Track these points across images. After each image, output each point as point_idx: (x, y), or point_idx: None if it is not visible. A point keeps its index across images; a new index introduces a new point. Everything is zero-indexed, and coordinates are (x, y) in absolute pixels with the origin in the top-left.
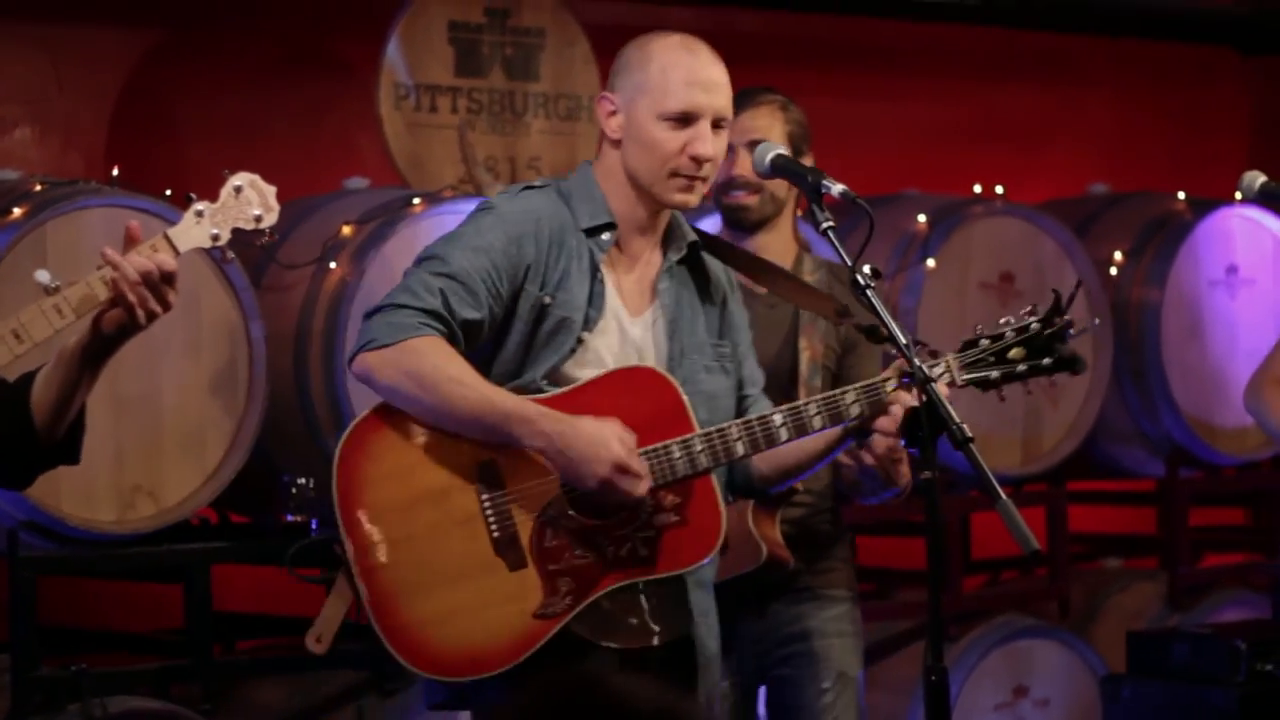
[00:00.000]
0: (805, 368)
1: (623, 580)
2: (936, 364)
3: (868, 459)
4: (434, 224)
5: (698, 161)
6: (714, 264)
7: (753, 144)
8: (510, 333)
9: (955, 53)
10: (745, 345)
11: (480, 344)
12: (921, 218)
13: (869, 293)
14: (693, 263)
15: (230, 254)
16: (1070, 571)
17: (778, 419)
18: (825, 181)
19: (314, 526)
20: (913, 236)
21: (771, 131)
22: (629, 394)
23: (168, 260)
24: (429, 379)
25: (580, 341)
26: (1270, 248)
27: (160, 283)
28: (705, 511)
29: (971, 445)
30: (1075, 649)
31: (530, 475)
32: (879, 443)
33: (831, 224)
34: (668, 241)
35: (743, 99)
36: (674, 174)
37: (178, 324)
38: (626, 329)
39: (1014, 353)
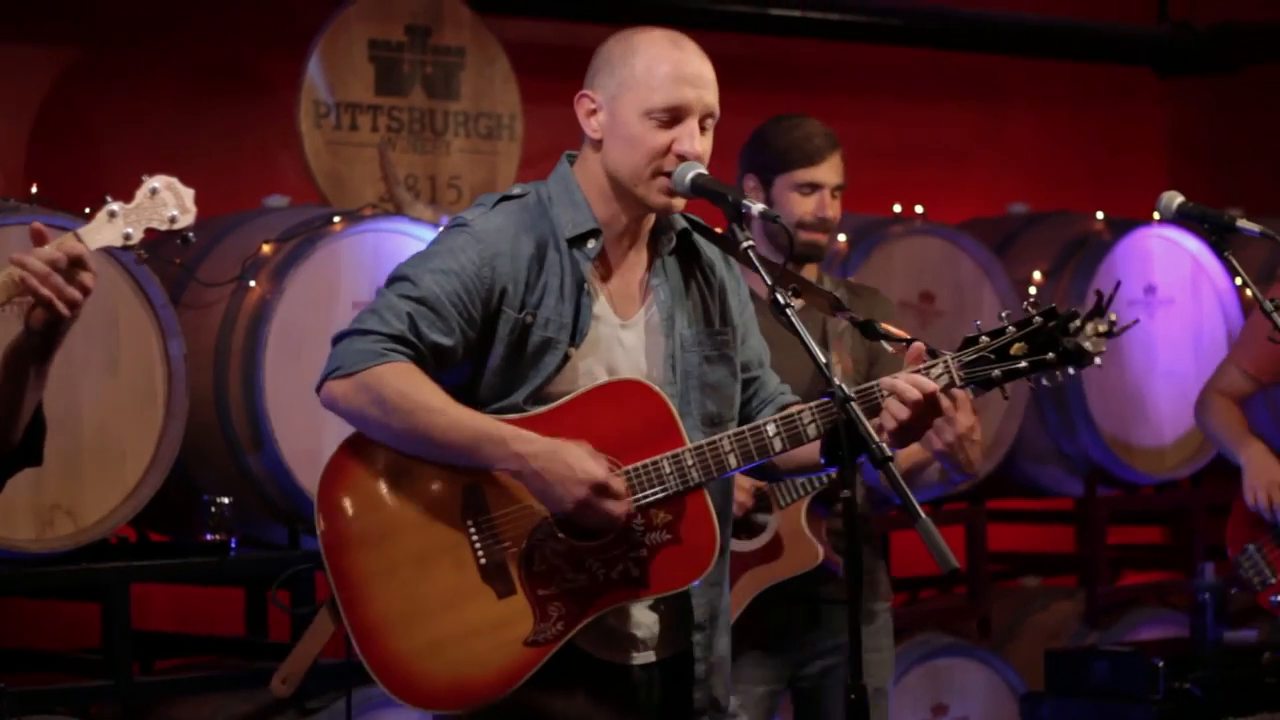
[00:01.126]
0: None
1: (615, 603)
2: (934, 365)
3: (938, 444)
4: (354, 242)
5: (684, 159)
6: (707, 248)
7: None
8: (492, 355)
9: (876, 72)
10: (747, 324)
11: (458, 368)
12: (842, 237)
13: (789, 312)
14: (684, 251)
15: (143, 254)
16: (989, 590)
17: (770, 429)
18: (745, 201)
19: (233, 545)
20: (833, 255)
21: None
22: (615, 409)
23: (74, 245)
24: (396, 405)
25: (567, 358)
26: (1188, 267)
27: (71, 268)
28: (698, 528)
29: (891, 464)
30: (994, 667)
31: (516, 499)
32: (943, 428)
33: (751, 243)
34: (656, 234)
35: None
36: (658, 173)
37: (96, 342)
38: (620, 336)
39: (1016, 349)
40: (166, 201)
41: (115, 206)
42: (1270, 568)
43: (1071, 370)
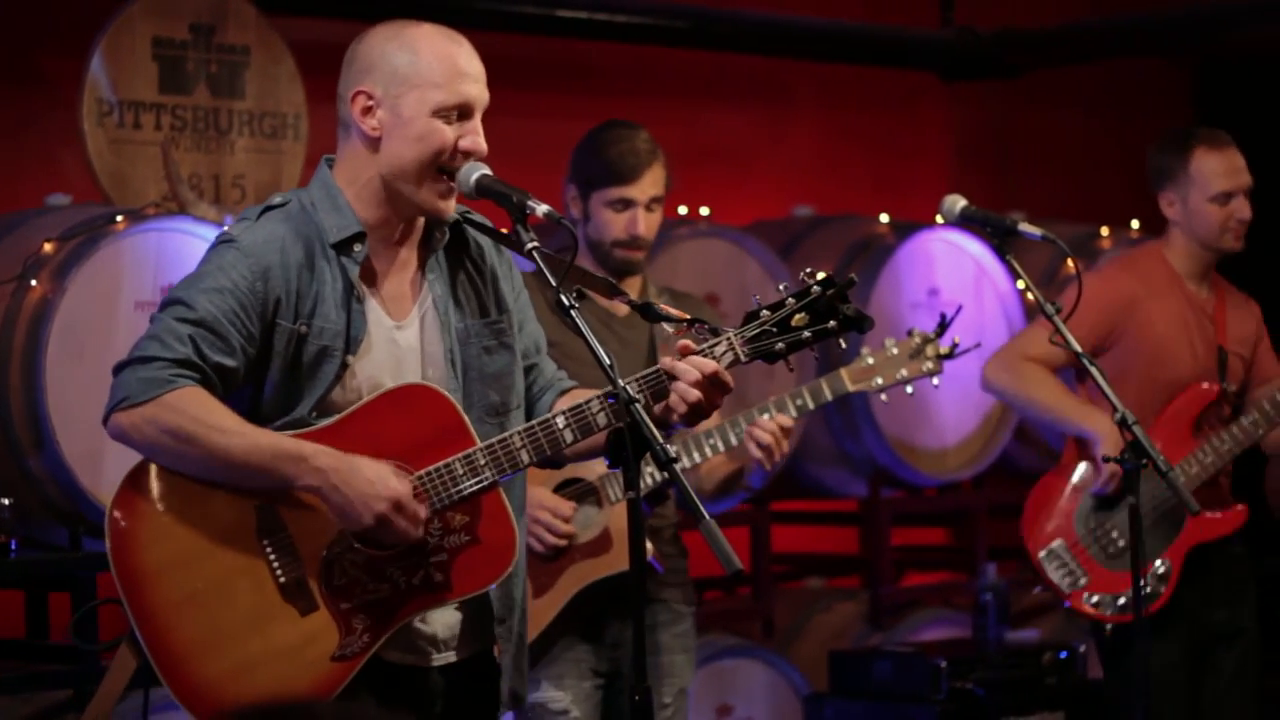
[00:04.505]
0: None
1: (420, 610)
2: (719, 343)
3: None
4: (137, 241)
5: (466, 156)
6: (478, 237)
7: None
8: (271, 370)
9: (663, 74)
10: (522, 309)
11: (242, 387)
12: None
13: (573, 314)
14: (454, 242)
15: None
16: (773, 591)
17: (560, 421)
18: (530, 202)
19: (13, 547)
20: None
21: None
22: (403, 415)
23: None
24: (191, 433)
25: (345, 367)
26: (971, 270)
27: None
28: (497, 527)
29: (675, 465)
30: (778, 668)
31: (310, 515)
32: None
33: (536, 244)
34: (430, 231)
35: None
36: (443, 171)
37: None
38: (396, 338)
39: (797, 319)
40: None
41: None
42: (1081, 568)
43: (915, 340)
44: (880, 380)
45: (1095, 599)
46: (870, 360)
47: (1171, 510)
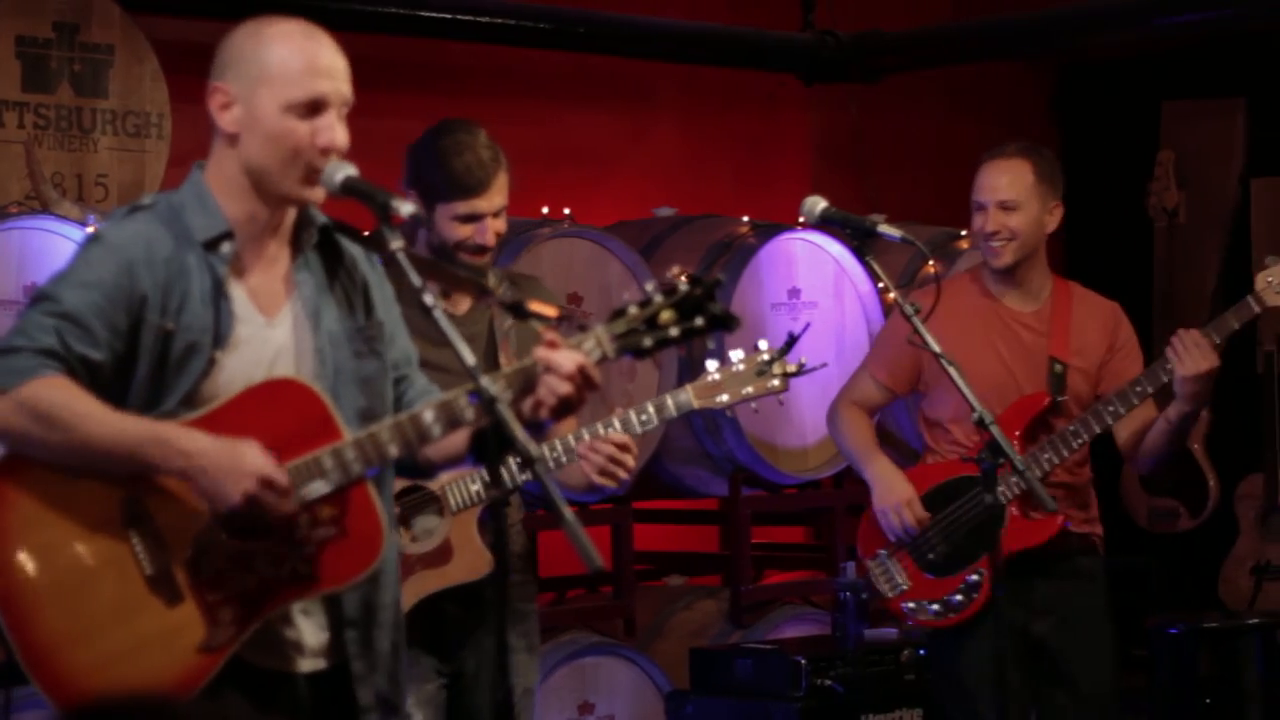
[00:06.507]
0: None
1: (286, 602)
2: (586, 339)
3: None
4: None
5: (326, 152)
6: (350, 245)
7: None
8: (138, 366)
9: (526, 75)
10: (394, 323)
11: (108, 384)
12: None
13: (435, 313)
14: (327, 248)
15: None
16: (635, 589)
17: (429, 415)
18: (394, 203)
19: None
20: None
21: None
22: (271, 408)
23: None
24: (54, 419)
25: (213, 362)
26: (831, 270)
27: None
28: (364, 520)
29: (538, 464)
30: (640, 665)
31: (178, 505)
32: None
33: (401, 246)
34: (300, 230)
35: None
36: (304, 168)
37: None
38: (266, 335)
39: (664, 317)
40: None
41: None
42: (902, 574)
43: (758, 359)
44: (725, 397)
45: (911, 605)
46: (717, 376)
47: (989, 521)
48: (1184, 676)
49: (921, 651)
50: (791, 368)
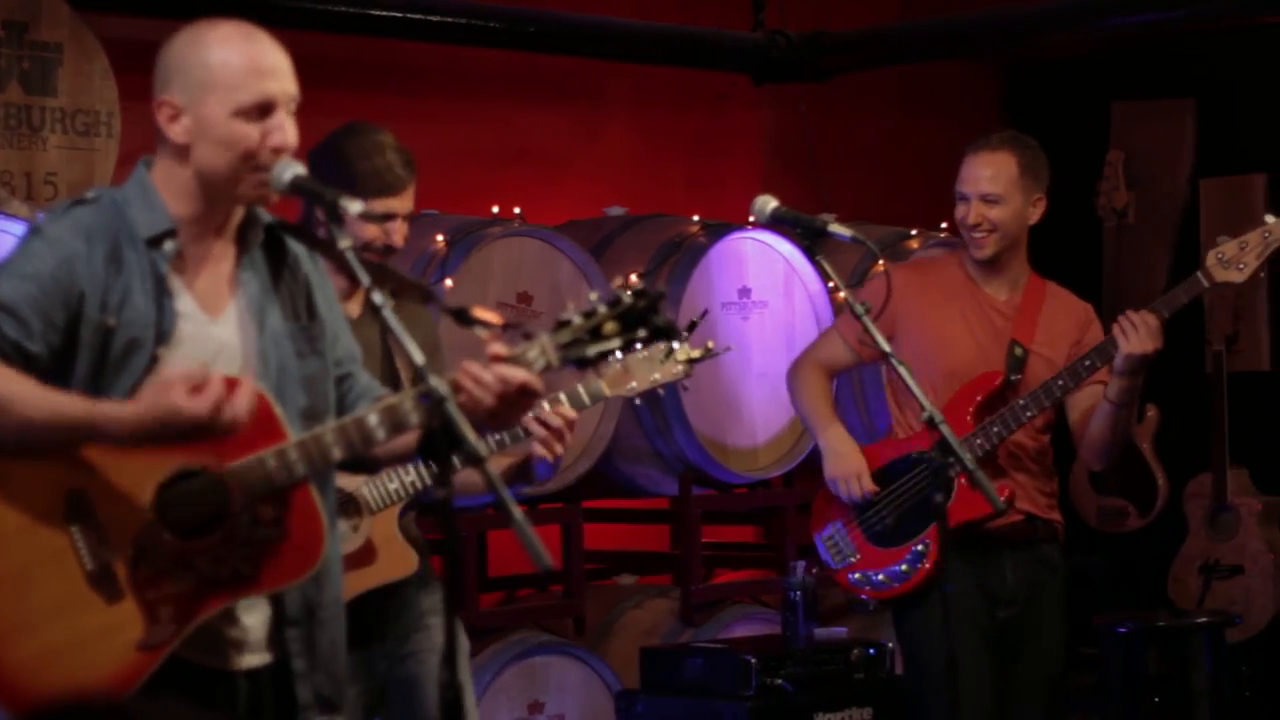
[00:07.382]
0: (408, 385)
1: (226, 601)
2: (531, 348)
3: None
4: None
5: (278, 153)
6: (294, 246)
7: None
8: (78, 362)
9: (477, 74)
10: (336, 321)
11: (42, 377)
12: (440, 237)
13: (384, 312)
14: (272, 247)
15: None
16: (585, 588)
17: (373, 419)
18: (343, 202)
19: None
20: (431, 255)
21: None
22: None
23: None
24: None
25: (155, 359)
26: (781, 270)
27: None
28: (306, 522)
29: (486, 464)
30: (590, 665)
31: (121, 502)
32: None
33: (349, 245)
34: (245, 229)
35: (409, 170)
36: (256, 169)
37: None
38: (209, 332)
39: (608, 328)
40: None
41: None
42: (851, 546)
43: (663, 345)
44: (635, 384)
45: (857, 576)
46: (625, 364)
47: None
48: (1133, 675)
49: (871, 651)
50: (696, 353)
